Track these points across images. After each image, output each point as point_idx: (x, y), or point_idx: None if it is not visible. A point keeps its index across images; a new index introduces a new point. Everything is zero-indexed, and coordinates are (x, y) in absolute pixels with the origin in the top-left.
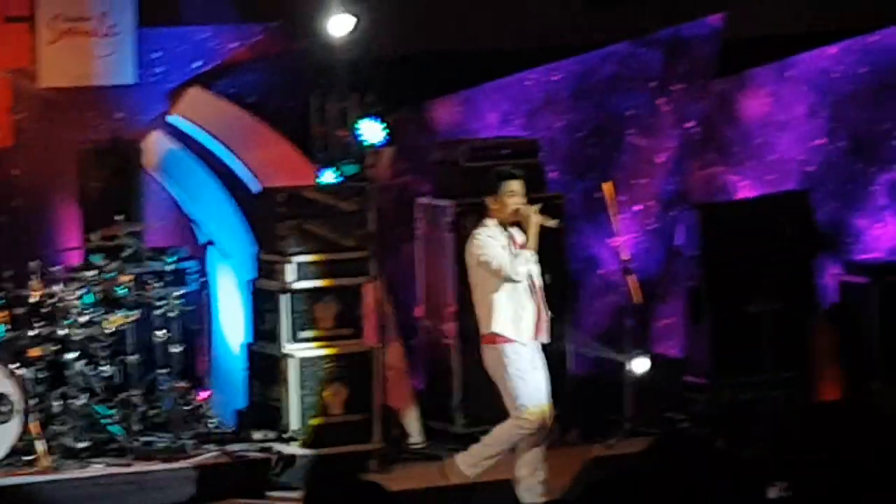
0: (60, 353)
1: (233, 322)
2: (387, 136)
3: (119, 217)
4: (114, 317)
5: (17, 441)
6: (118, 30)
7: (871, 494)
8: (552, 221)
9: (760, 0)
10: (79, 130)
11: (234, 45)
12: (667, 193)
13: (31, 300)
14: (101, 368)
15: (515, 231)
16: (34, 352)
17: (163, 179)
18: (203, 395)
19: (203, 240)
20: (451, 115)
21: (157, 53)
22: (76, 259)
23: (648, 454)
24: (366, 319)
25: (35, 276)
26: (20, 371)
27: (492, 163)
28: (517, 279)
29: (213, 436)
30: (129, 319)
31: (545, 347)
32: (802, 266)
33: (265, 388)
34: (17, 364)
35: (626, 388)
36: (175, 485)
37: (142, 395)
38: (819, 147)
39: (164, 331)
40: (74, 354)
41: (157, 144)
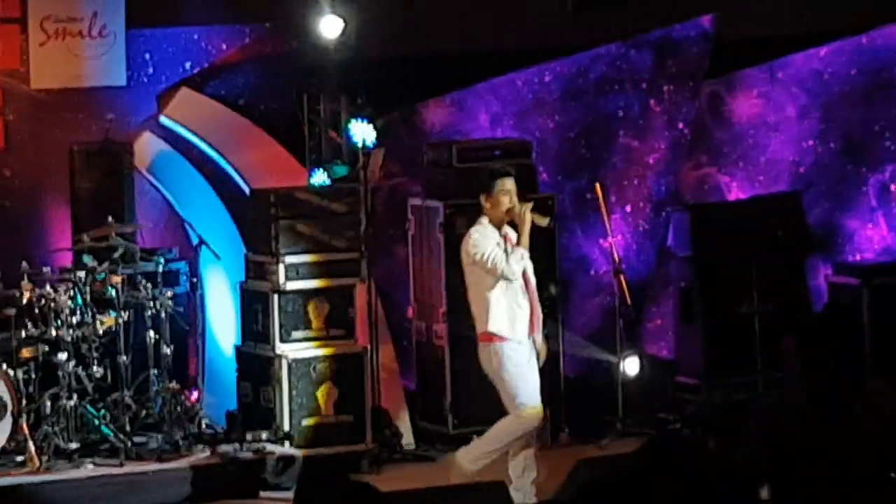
0: (51, 354)
1: (224, 323)
2: (377, 138)
3: (110, 218)
4: (105, 318)
5: (9, 442)
6: (109, 31)
7: (864, 493)
8: (544, 220)
9: (751, 1)
10: (70, 131)
11: (225, 47)
12: (658, 194)
13: (23, 301)
14: (93, 369)
15: (509, 230)
16: (25, 353)
17: (154, 180)
18: (194, 396)
19: (194, 241)
20: (442, 117)
21: (148, 55)
22: (67, 260)
23: (641, 455)
24: (357, 320)
25: (26, 277)
26: (11, 372)
27: (483, 164)
28: (512, 277)
29: (205, 436)
30: (121, 320)
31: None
32: (794, 267)
33: (256, 389)
34: (9, 365)
35: (618, 389)
36: (166, 485)
37: (133, 396)
38: (810, 148)
39: (156, 332)
40: (65, 355)
41: (148, 145)
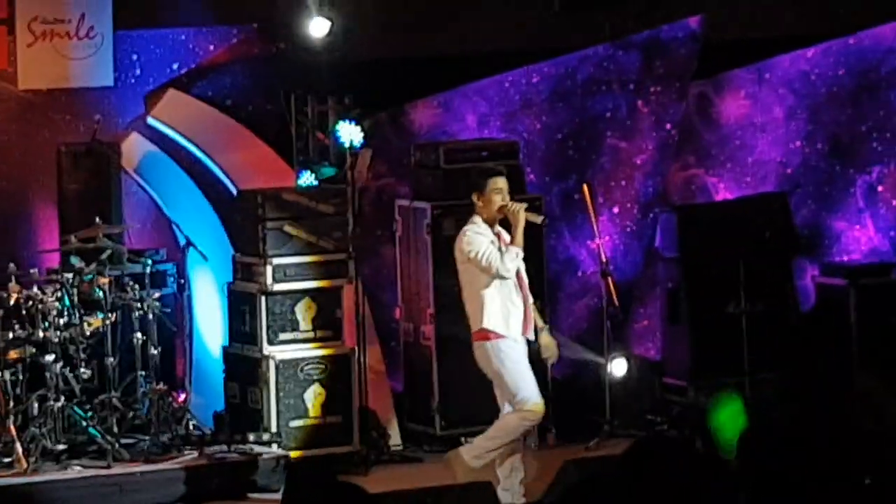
0: (39, 356)
1: (212, 324)
2: (365, 139)
3: (98, 219)
4: (92, 319)
5: None
6: (96, 32)
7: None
8: (538, 217)
9: (739, 2)
10: (57, 132)
11: (212, 48)
12: (645, 195)
13: (10, 302)
14: (80, 371)
15: (500, 230)
16: (13, 354)
17: (141, 181)
18: (181, 398)
19: (182, 242)
20: (430, 118)
21: (135, 56)
22: (55, 261)
23: (628, 456)
24: (345, 321)
25: (13, 279)
26: None
27: (471, 165)
28: (508, 276)
29: (192, 438)
30: (108, 322)
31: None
32: (781, 268)
33: (244, 390)
34: None
35: (606, 390)
36: (154, 487)
37: (120, 398)
38: (797, 149)
39: (143, 333)
40: (53, 357)
41: (136, 146)
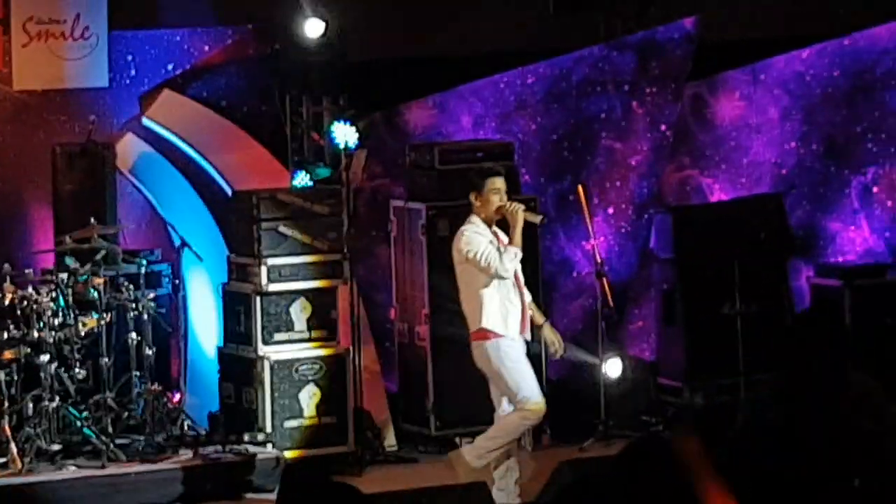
0: (34, 356)
1: (206, 324)
2: (360, 139)
3: (92, 220)
4: (87, 319)
5: None
6: (91, 33)
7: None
8: (537, 217)
9: (734, 3)
10: (52, 133)
11: (207, 49)
12: (640, 196)
13: (5, 303)
14: (75, 371)
15: (497, 230)
16: (7, 354)
17: (136, 182)
18: (176, 398)
19: (177, 242)
20: (425, 119)
21: (130, 56)
22: (50, 262)
23: (623, 457)
24: (339, 322)
25: (8, 279)
26: None
27: (466, 165)
28: (507, 276)
29: (187, 438)
30: (103, 322)
31: None
32: (776, 269)
33: (239, 391)
34: None
35: (601, 391)
36: (149, 487)
37: (115, 398)
38: (792, 150)
39: (138, 333)
40: (48, 357)
41: (131, 147)
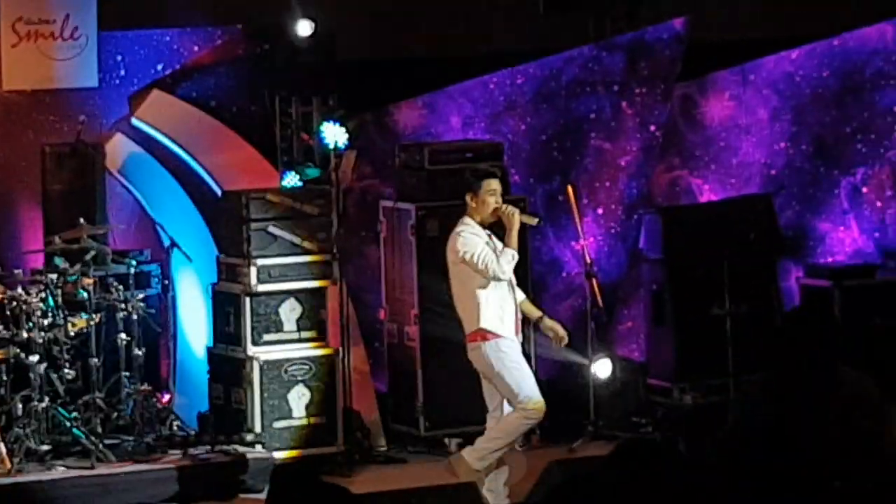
0: (23, 356)
1: (196, 325)
2: (349, 140)
3: (82, 220)
4: (76, 320)
5: None
6: (81, 33)
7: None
8: (533, 219)
9: (723, 4)
10: (42, 133)
11: (197, 49)
12: (630, 197)
13: None
14: (64, 371)
15: (490, 232)
16: None
17: (125, 182)
18: (166, 398)
19: (166, 242)
20: (414, 119)
21: (120, 57)
22: (39, 262)
23: (612, 457)
24: (329, 322)
25: None
26: None
27: (455, 166)
28: (504, 278)
29: (177, 438)
30: (92, 323)
31: None
32: (765, 269)
33: (228, 391)
34: None
35: (590, 391)
36: (138, 488)
37: (104, 398)
38: (782, 150)
39: (127, 334)
40: (37, 357)
41: (120, 147)
